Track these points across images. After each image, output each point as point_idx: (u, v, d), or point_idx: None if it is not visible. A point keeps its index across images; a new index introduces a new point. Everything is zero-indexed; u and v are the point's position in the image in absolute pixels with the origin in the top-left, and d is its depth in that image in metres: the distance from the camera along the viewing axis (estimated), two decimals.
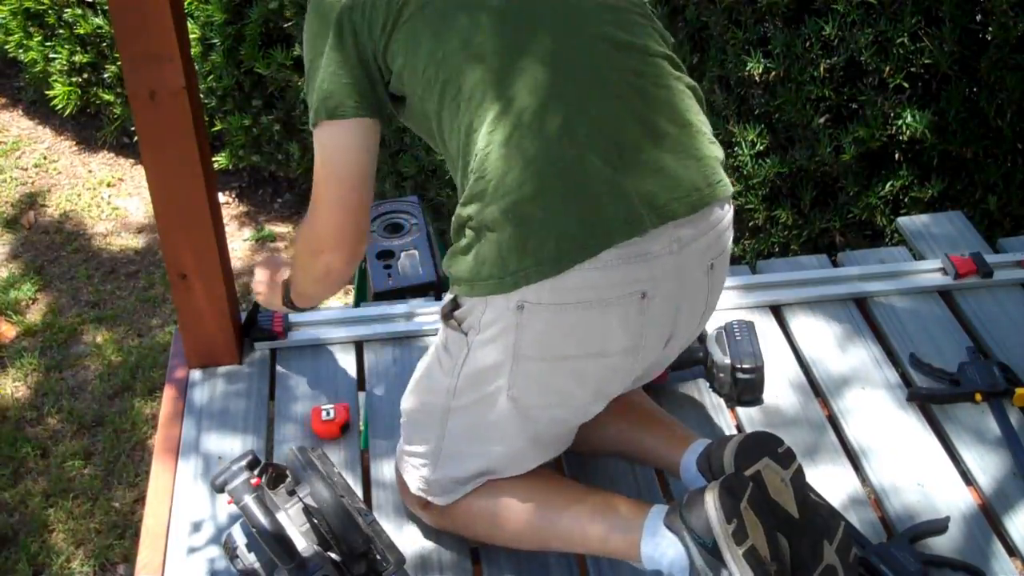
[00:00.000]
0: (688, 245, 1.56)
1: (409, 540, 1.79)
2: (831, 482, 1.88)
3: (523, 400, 1.59)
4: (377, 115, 1.63)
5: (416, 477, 1.74)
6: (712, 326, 2.13)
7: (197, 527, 1.84)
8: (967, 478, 1.90)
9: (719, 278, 1.68)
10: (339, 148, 1.62)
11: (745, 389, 2.03)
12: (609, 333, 1.54)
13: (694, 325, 1.70)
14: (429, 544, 1.79)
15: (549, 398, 1.60)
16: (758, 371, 2.02)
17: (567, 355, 1.55)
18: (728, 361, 2.02)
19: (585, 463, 1.91)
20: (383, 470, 1.92)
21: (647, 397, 1.90)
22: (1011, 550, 1.77)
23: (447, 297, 1.62)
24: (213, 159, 3.42)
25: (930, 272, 2.36)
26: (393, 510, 1.85)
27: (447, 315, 1.61)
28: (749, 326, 2.08)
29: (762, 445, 1.60)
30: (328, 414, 1.98)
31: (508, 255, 1.49)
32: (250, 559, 1.56)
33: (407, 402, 1.74)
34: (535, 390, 1.58)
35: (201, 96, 2.73)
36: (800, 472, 1.59)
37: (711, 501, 1.47)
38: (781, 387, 2.09)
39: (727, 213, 1.64)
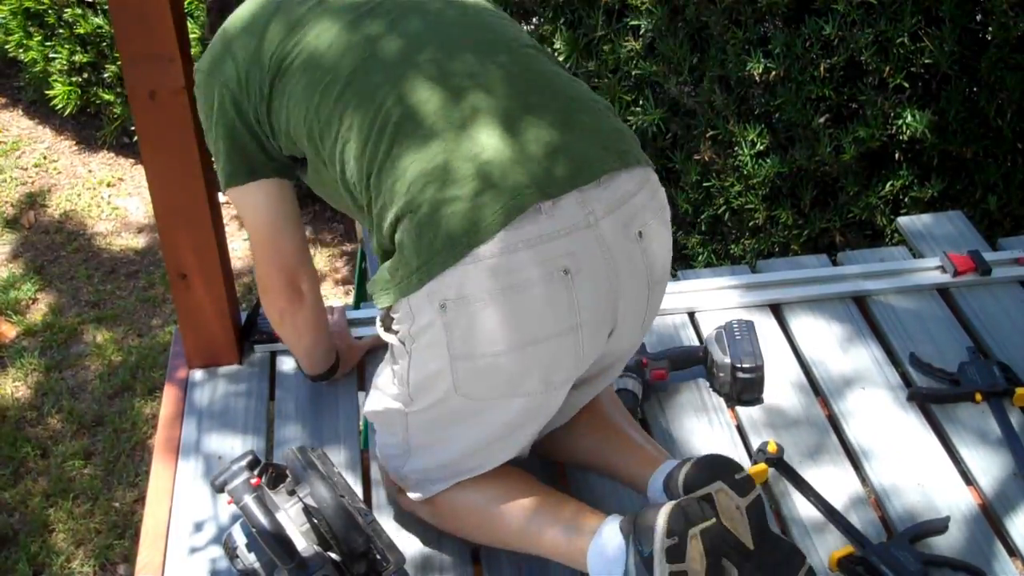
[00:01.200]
0: (605, 217, 1.53)
1: (409, 540, 1.79)
2: (831, 482, 1.88)
3: (475, 395, 1.57)
4: (274, 175, 1.74)
5: (392, 468, 1.77)
6: (712, 326, 2.13)
7: (197, 527, 1.84)
8: (967, 478, 1.90)
9: (658, 244, 1.62)
10: (246, 208, 1.79)
11: (745, 388, 2.03)
12: (537, 318, 1.50)
13: (643, 294, 1.62)
14: (429, 544, 1.79)
15: (499, 390, 1.57)
16: (758, 370, 2.02)
17: (501, 348, 1.51)
18: (728, 360, 2.02)
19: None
20: None
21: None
22: (1011, 550, 1.77)
23: (379, 310, 1.61)
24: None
25: (929, 270, 2.36)
26: (393, 510, 1.85)
27: (386, 327, 1.61)
28: (749, 325, 2.08)
29: (717, 469, 1.57)
30: None
31: (411, 254, 1.50)
32: (250, 559, 1.56)
33: (369, 407, 1.73)
34: (483, 385, 1.56)
35: None
36: (759, 502, 1.55)
37: (664, 512, 1.46)
38: (781, 387, 2.09)
39: (645, 182, 1.60)
